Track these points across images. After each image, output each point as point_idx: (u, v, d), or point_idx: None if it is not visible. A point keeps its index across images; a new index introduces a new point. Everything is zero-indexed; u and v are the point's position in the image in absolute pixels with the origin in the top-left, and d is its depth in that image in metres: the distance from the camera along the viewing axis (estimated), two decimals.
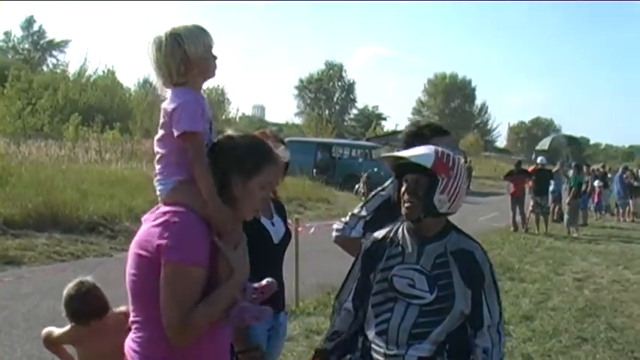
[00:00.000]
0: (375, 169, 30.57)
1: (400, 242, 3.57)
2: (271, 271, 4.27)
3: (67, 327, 4.08)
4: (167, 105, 2.89)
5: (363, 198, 28.73)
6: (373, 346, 3.49)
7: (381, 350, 3.44)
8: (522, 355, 8.11)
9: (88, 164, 23.49)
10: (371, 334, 3.52)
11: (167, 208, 2.88)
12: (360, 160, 34.59)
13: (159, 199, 3.02)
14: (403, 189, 3.50)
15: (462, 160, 3.69)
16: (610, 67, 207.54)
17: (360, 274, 3.69)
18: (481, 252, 3.50)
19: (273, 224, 4.31)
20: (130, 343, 2.91)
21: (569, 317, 10.13)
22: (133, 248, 2.88)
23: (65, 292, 4.08)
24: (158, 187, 3.01)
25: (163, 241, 2.74)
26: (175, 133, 2.82)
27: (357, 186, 30.16)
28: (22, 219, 13.80)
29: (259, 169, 2.91)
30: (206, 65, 2.98)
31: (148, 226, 2.86)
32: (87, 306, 4.00)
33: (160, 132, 2.96)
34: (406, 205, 3.46)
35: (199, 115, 2.88)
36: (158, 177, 3.02)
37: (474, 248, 3.49)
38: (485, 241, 17.83)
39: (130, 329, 2.95)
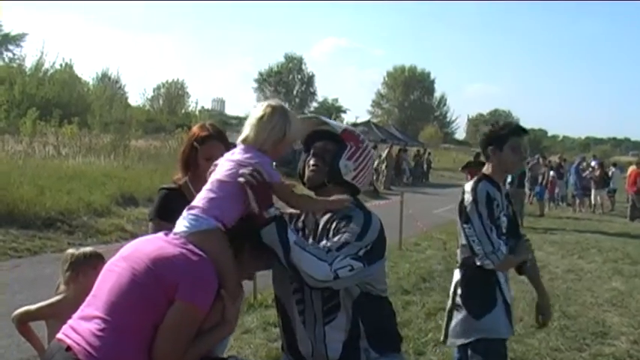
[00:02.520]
0: None
1: (302, 218, 3.60)
2: None
3: (51, 300, 4.12)
4: (242, 157, 3.20)
5: None
6: None
7: None
8: None
9: (45, 159, 23.20)
10: None
11: (192, 247, 3.03)
12: None
13: (183, 228, 3.16)
14: (309, 155, 3.53)
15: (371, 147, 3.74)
16: (568, 60, 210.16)
17: None
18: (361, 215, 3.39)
19: None
20: (87, 346, 2.88)
21: (524, 306, 10.24)
22: (144, 260, 2.99)
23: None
24: (189, 218, 3.16)
25: (185, 279, 2.92)
26: (271, 181, 3.14)
27: None
28: None
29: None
30: (285, 150, 3.31)
31: (166, 251, 3.01)
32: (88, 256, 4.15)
33: (224, 174, 3.21)
34: (311, 169, 3.48)
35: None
36: (196, 210, 3.17)
37: (357, 214, 3.40)
38: (444, 232, 18.13)
39: None
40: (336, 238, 3.24)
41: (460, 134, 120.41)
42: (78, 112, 46.35)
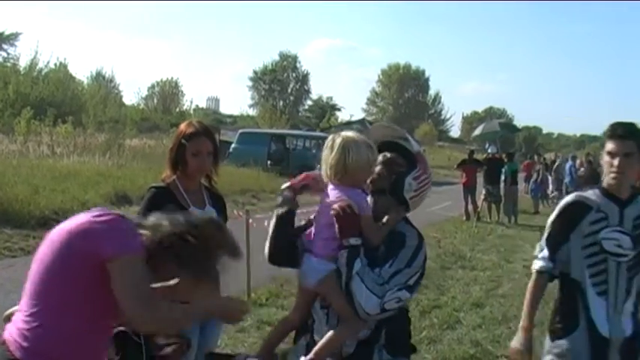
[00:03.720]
0: None
1: None
2: None
3: None
4: (333, 197, 3.38)
5: None
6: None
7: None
8: (472, 342, 8.22)
9: (39, 159, 23.18)
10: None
11: (104, 211, 3.04)
12: (314, 150, 34.19)
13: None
14: (380, 159, 3.54)
15: None
16: (563, 58, 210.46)
17: None
18: (414, 236, 3.54)
19: (205, 214, 4.29)
20: (17, 337, 2.89)
21: (518, 304, 10.20)
22: (63, 236, 2.94)
23: None
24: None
25: (106, 238, 2.88)
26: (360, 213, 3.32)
27: None
28: None
29: None
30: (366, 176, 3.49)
31: (82, 221, 2.96)
32: None
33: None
34: (377, 173, 3.50)
35: None
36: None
37: (409, 231, 3.53)
38: (438, 230, 18.20)
39: None
40: (388, 265, 3.34)
41: (455, 132, 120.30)
42: (72, 111, 46.34)
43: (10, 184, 15.38)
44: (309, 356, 3.34)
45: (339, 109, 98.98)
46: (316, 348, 3.34)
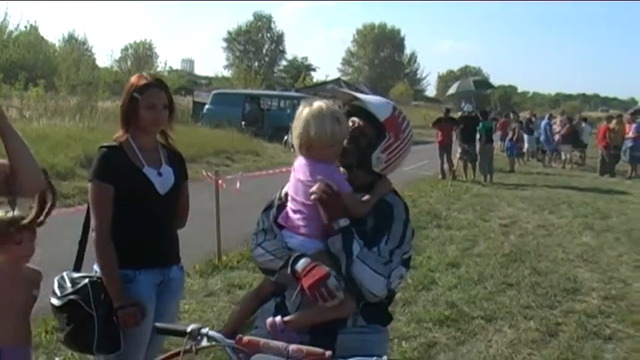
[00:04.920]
0: None
1: None
2: (159, 224, 4.07)
3: None
4: (307, 176, 3.13)
5: (292, 149, 28.59)
6: None
7: None
8: (447, 303, 8.05)
9: None
10: None
11: None
12: (289, 111, 33.73)
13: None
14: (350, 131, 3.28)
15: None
16: (538, 17, 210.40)
17: None
18: (402, 209, 3.27)
19: (160, 174, 4.08)
20: None
21: (494, 263, 10.16)
22: None
23: None
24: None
25: None
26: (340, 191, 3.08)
27: (285, 137, 29.65)
28: None
29: None
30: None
31: None
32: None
33: (303, 197, 3.15)
34: (344, 147, 3.21)
35: None
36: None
37: (397, 203, 3.27)
38: (413, 189, 18.07)
39: None
40: (384, 242, 3.11)
41: (431, 91, 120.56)
42: (44, 74, 45.77)
43: None
44: (286, 318, 3.08)
45: (314, 70, 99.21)
46: (294, 317, 3.09)
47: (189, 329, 2.67)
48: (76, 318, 3.81)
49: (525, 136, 30.03)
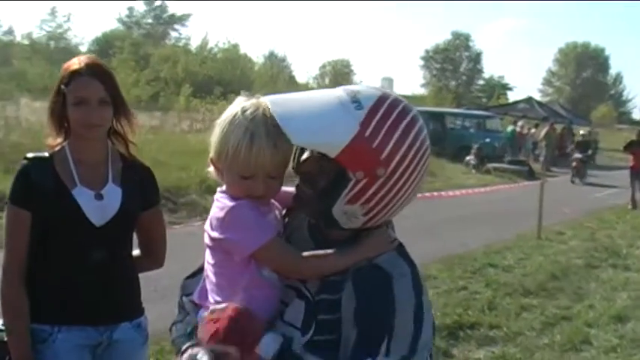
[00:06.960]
0: (488, 140, 29.46)
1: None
2: (92, 266, 3.03)
3: None
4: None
5: (473, 170, 27.39)
6: None
7: None
8: None
9: (173, 134, 23.01)
10: None
11: None
12: (472, 130, 32.77)
13: None
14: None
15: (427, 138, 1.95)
16: None
17: None
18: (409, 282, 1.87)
19: (99, 197, 2.98)
20: None
21: None
22: None
23: None
24: None
25: None
26: None
27: (467, 157, 28.47)
28: None
29: None
30: None
31: None
32: None
33: None
34: (296, 194, 2.01)
35: None
36: None
37: (400, 274, 1.88)
38: (596, 219, 16.21)
39: None
40: (383, 353, 1.74)
41: (637, 114, 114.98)
42: (240, 89, 46.69)
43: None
44: None
45: (510, 89, 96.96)
46: None
47: None
48: None
49: None
